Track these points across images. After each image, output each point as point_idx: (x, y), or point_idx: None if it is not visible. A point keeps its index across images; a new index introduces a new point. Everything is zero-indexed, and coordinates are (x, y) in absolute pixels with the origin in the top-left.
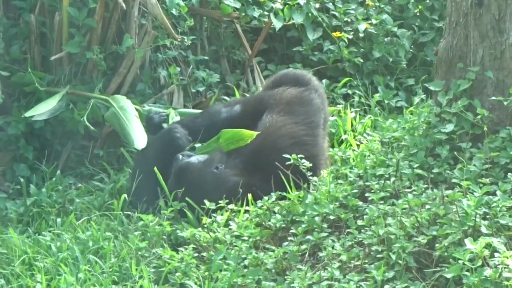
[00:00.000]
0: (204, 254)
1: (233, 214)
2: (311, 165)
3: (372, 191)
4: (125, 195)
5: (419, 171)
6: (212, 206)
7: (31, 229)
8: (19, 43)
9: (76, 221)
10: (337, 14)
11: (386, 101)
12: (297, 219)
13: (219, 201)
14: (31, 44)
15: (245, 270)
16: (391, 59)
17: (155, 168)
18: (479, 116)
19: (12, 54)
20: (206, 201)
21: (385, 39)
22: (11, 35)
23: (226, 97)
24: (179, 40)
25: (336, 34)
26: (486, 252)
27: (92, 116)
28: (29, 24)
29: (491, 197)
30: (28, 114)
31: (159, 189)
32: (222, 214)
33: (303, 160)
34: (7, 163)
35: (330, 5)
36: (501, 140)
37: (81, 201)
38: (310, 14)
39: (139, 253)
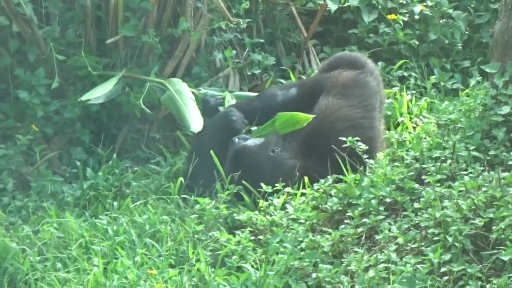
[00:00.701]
0: (261, 237)
1: (290, 197)
2: (367, 148)
3: (429, 173)
4: (181, 179)
5: (476, 153)
6: (269, 189)
7: (87, 213)
8: (74, 26)
9: (133, 205)
10: None
11: (442, 83)
12: (353, 202)
13: (276, 184)
14: (87, 27)
15: (302, 253)
16: (446, 41)
17: (212, 151)
18: None
19: (67, 38)
20: (262, 184)
21: (441, 21)
22: (67, 19)
23: (282, 80)
24: (234, 23)
25: (391, 16)
26: None
27: (148, 100)
28: (85, 7)
29: None
30: (84, 97)
31: (215, 173)
32: (278, 197)
33: (359, 143)
34: (63, 147)
35: None
36: None
37: (137, 185)
38: None
39: (196, 236)
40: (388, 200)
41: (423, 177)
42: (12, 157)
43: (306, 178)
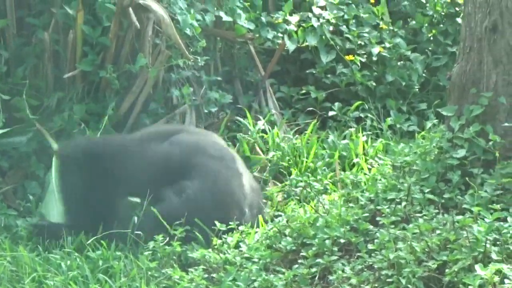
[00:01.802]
0: (214, 275)
1: (243, 235)
2: None
3: (383, 215)
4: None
5: (430, 196)
6: (223, 227)
7: (41, 247)
8: (25, 65)
9: (87, 242)
10: (350, 37)
11: (398, 125)
12: (307, 242)
13: (230, 223)
14: (44, 61)
15: None
16: (404, 83)
17: None
18: (491, 142)
19: (15, 77)
20: (217, 223)
21: (398, 63)
22: (23, 54)
23: (239, 118)
24: (192, 60)
25: (349, 57)
26: (496, 278)
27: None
28: (43, 42)
29: (502, 223)
30: None
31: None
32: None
33: None
34: (18, 181)
35: (344, 28)
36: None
37: None
38: (323, 37)
39: (149, 273)
40: (342, 240)
41: (377, 218)
42: None
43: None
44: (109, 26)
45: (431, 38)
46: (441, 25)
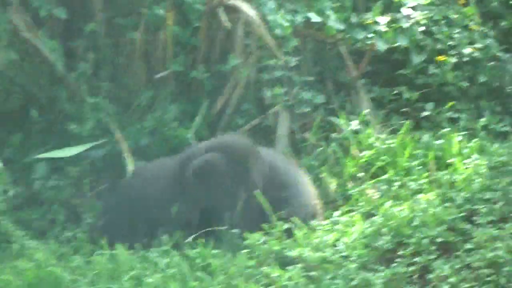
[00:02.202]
0: (312, 273)
1: (341, 234)
2: None
3: (480, 214)
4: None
5: None
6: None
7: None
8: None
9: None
10: (441, 37)
11: (491, 126)
12: (404, 241)
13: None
14: (136, 62)
15: None
16: (496, 84)
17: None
18: None
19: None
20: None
21: (490, 64)
22: (112, 54)
23: (331, 118)
24: (283, 60)
25: (440, 57)
26: None
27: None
28: (133, 42)
29: None
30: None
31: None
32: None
33: None
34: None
35: (434, 29)
36: None
37: None
38: (414, 38)
39: (247, 271)
40: (439, 239)
41: (474, 218)
42: (62, 188)
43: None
44: (199, 26)
45: None
46: None
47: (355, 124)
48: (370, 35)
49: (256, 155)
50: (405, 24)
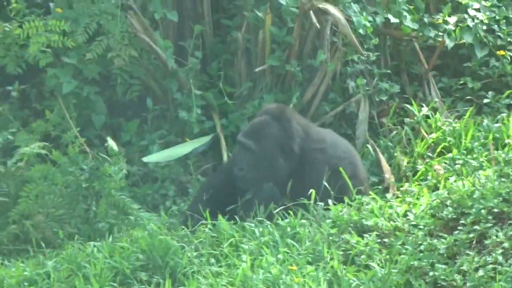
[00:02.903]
0: (386, 240)
1: (410, 206)
2: None
3: None
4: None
5: None
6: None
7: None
8: (218, 59)
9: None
10: (501, 35)
11: None
12: (466, 211)
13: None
14: (238, 57)
15: (421, 254)
16: None
17: None
18: None
19: (210, 70)
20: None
21: None
22: (218, 51)
23: (406, 105)
24: (365, 55)
25: (501, 52)
26: None
27: None
28: (236, 40)
29: None
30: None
31: None
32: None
33: None
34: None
35: (495, 27)
36: None
37: None
38: (478, 35)
39: (330, 238)
40: (495, 210)
41: None
42: (173, 167)
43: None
44: (293, 27)
45: None
46: None
47: (425, 111)
48: (440, 33)
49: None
50: (471, 23)
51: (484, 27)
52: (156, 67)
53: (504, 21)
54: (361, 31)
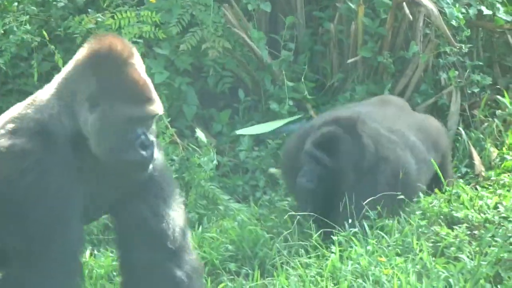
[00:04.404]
0: (476, 232)
1: (501, 198)
2: None
3: None
4: None
5: None
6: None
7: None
8: (308, 52)
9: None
10: None
11: None
12: None
13: None
14: (330, 49)
15: (511, 247)
16: None
17: None
18: None
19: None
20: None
21: None
22: (310, 42)
23: (498, 97)
24: (457, 47)
25: None
26: None
27: None
28: (329, 32)
29: None
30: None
31: None
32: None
33: None
34: None
35: None
36: None
37: None
38: None
39: (419, 230)
40: None
41: None
42: (264, 158)
43: None
44: (386, 18)
45: None
46: None
47: None
48: None
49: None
50: None
51: None
52: (249, 59)
53: None
54: (453, 22)
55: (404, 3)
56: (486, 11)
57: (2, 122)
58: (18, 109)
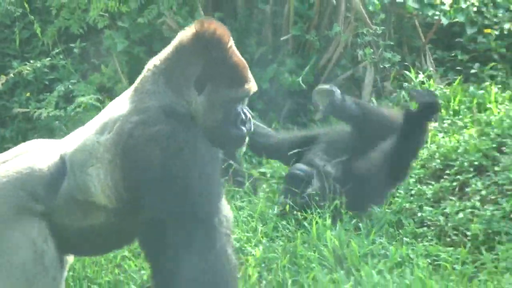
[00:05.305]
0: None
1: None
2: None
3: (507, 145)
4: None
5: None
6: None
7: None
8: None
9: None
10: (488, 15)
11: None
12: (451, 163)
13: None
14: (265, 29)
15: (411, 198)
16: None
17: None
18: None
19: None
20: None
21: None
22: (248, 23)
23: (405, 72)
24: (373, 29)
25: (487, 30)
26: None
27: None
28: (264, 12)
29: None
30: None
31: None
32: None
33: None
34: None
35: (484, 9)
36: None
37: None
38: (469, 15)
39: None
40: (476, 163)
41: (502, 148)
42: None
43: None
44: (314, 2)
45: None
46: None
47: (421, 77)
48: (437, 13)
49: None
50: (463, 5)
51: (475, 9)
52: None
53: (491, 4)
54: (370, 8)
55: None
56: None
57: (123, 117)
58: (127, 102)
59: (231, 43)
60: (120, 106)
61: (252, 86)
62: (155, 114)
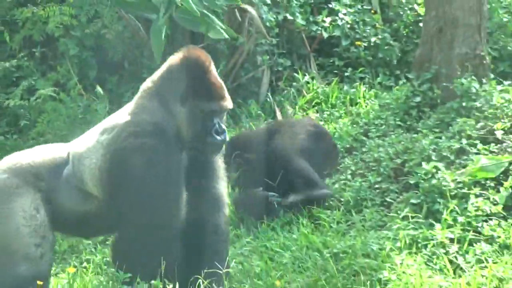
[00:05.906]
0: None
1: None
2: None
3: (372, 132)
4: None
5: (399, 123)
6: None
7: None
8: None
9: None
10: (359, 31)
11: (383, 82)
12: None
13: None
14: (184, 36)
15: None
16: (388, 58)
17: None
18: (435, 94)
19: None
20: None
21: (386, 47)
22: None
23: (294, 74)
24: (269, 40)
25: (358, 43)
26: (434, 170)
27: None
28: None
29: (439, 139)
30: None
31: None
32: None
33: None
34: None
35: (356, 26)
36: (446, 109)
37: None
38: (344, 30)
39: None
40: (348, 146)
41: (368, 134)
42: None
43: None
44: (224, 19)
45: (404, 34)
46: (411, 27)
47: (307, 78)
48: (319, 28)
49: None
50: (340, 23)
51: (348, 26)
52: (132, 39)
53: (361, 22)
54: (268, 24)
55: (236, 10)
56: (290, 17)
57: (121, 125)
58: (127, 113)
59: (212, 67)
60: (121, 116)
61: (227, 103)
62: (146, 129)
